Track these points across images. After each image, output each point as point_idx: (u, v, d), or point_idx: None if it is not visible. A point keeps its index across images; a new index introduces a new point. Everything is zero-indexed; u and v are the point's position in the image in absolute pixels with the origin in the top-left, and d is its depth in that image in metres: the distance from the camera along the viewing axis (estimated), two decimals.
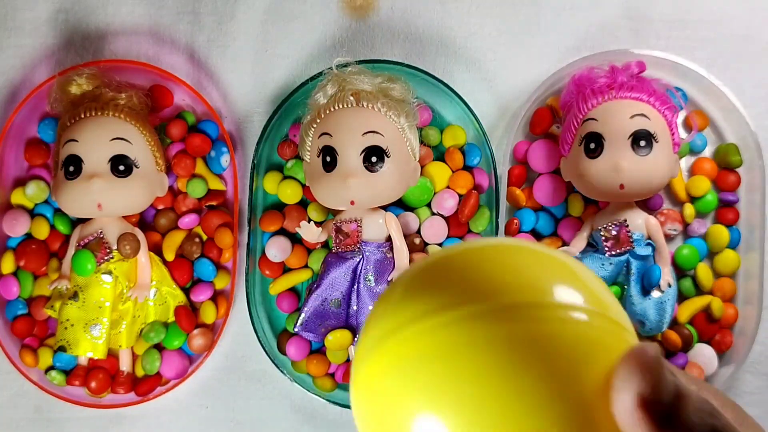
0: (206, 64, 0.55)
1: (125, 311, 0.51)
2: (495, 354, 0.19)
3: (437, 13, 0.55)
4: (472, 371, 0.19)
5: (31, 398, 0.54)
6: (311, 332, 0.51)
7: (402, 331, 0.21)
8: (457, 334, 0.20)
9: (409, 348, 0.20)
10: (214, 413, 0.54)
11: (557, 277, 0.21)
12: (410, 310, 0.21)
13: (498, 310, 0.20)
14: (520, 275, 0.21)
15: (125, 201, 0.49)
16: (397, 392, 0.20)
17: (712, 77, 0.51)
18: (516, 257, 0.22)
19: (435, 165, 0.52)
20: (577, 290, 0.21)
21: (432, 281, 0.22)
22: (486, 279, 0.21)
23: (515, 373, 0.19)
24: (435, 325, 0.20)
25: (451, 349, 0.20)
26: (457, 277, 0.21)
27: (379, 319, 0.22)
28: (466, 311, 0.20)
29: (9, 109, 0.54)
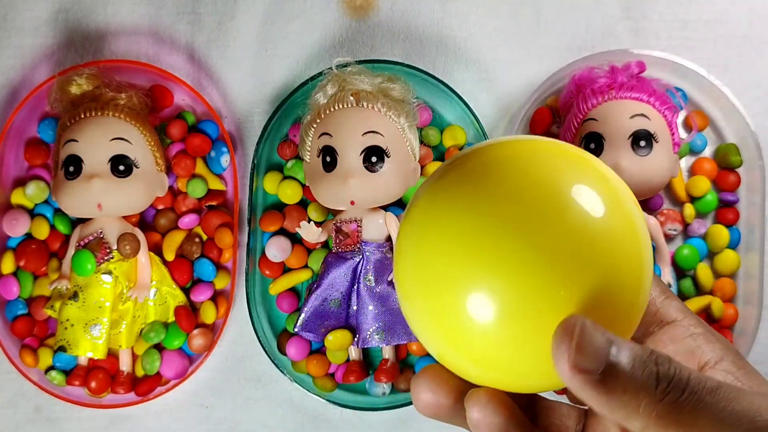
0: (206, 64, 0.55)
1: (125, 311, 0.51)
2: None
3: (437, 13, 0.55)
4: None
5: (31, 398, 0.54)
6: (311, 332, 0.51)
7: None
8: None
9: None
10: (214, 413, 0.54)
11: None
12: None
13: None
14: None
15: (125, 201, 0.49)
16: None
17: (712, 77, 0.51)
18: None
19: (435, 165, 0.52)
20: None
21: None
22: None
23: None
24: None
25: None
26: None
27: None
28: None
29: (9, 109, 0.54)
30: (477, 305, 0.21)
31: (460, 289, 0.21)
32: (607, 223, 0.21)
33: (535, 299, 0.21)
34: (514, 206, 0.21)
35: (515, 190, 0.21)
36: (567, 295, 0.21)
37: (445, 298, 0.21)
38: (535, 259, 0.21)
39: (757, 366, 0.23)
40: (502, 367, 0.22)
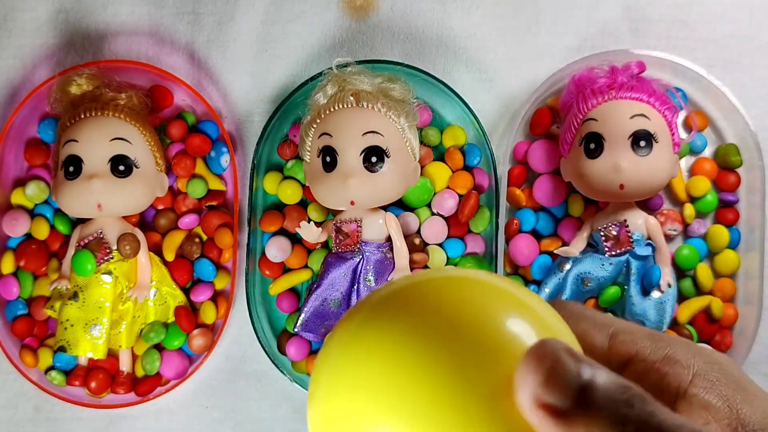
0: (206, 64, 0.55)
1: (125, 311, 0.51)
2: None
3: (437, 13, 0.55)
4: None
5: (31, 398, 0.54)
6: (311, 332, 0.51)
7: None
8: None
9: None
10: (214, 413, 0.54)
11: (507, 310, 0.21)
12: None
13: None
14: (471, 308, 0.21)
15: (125, 201, 0.49)
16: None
17: (712, 77, 0.51)
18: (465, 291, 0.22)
19: (435, 165, 0.52)
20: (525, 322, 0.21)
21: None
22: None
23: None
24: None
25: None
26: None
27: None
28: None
29: (9, 109, 0.54)
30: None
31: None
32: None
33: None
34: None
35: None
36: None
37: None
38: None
39: (757, 366, 0.23)
40: None
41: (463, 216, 0.52)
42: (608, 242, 0.50)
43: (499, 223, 0.51)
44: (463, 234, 0.52)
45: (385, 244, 0.51)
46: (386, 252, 0.51)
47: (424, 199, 0.52)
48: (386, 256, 0.51)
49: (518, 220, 0.52)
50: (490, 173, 0.52)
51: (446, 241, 0.52)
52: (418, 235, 0.52)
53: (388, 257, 0.51)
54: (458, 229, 0.52)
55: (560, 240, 0.52)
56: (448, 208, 0.52)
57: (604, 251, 0.50)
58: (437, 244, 0.52)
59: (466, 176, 0.52)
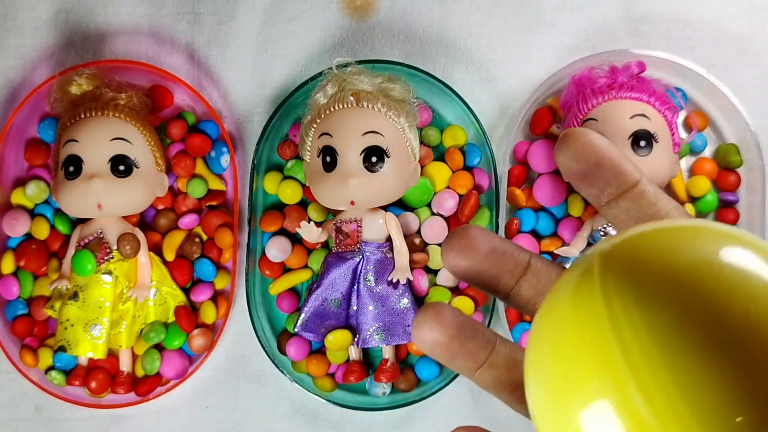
0: (206, 64, 0.55)
1: (125, 311, 0.51)
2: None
3: (437, 13, 0.55)
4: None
5: (31, 398, 0.54)
6: (311, 332, 0.51)
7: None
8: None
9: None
10: (214, 413, 0.54)
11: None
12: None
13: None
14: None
15: (125, 201, 0.49)
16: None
17: (712, 77, 0.51)
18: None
19: (435, 165, 0.52)
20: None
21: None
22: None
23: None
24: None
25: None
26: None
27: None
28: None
29: (9, 109, 0.54)
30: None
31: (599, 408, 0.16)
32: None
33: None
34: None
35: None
36: (746, 423, 0.15)
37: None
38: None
39: None
40: None
41: (463, 216, 0.52)
42: None
43: (499, 223, 0.51)
44: None
45: (385, 244, 0.51)
46: (386, 252, 0.51)
47: (424, 199, 0.52)
48: (386, 256, 0.51)
49: (518, 220, 0.52)
50: (490, 173, 0.52)
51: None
52: (418, 235, 0.52)
53: (388, 257, 0.51)
54: None
55: (560, 240, 0.52)
56: (448, 208, 0.52)
57: None
58: (437, 244, 0.52)
59: (466, 176, 0.52)
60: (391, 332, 0.50)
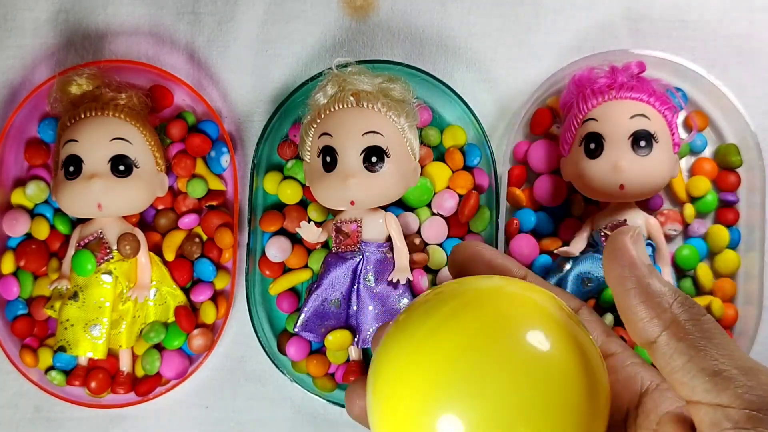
0: (206, 64, 0.55)
1: (125, 311, 0.51)
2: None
3: (437, 13, 0.55)
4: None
5: (31, 398, 0.54)
6: (311, 332, 0.51)
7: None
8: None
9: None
10: (214, 413, 0.54)
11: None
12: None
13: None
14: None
15: (125, 201, 0.49)
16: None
17: (712, 77, 0.51)
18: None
19: (435, 165, 0.52)
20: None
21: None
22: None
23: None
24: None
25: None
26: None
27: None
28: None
29: (9, 109, 0.54)
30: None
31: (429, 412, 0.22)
32: (561, 362, 0.22)
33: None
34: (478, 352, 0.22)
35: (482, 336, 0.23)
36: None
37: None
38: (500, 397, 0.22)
39: None
40: None
41: (463, 216, 0.52)
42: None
43: (499, 223, 0.51)
44: (463, 234, 0.52)
45: (385, 244, 0.51)
46: (386, 252, 0.51)
47: (424, 199, 0.52)
48: (386, 256, 0.51)
49: (518, 220, 0.52)
50: (490, 173, 0.52)
51: (446, 241, 0.52)
52: (418, 235, 0.52)
53: (388, 257, 0.51)
54: (458, 229, 0.52)
55: (560, 240, 0.52)
56: (448, 208, 0.52)
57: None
58: (437, 244, 0.52)
59: (466, 176, 0.52)
60: None
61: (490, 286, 0.24)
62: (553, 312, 0.24)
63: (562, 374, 0.22)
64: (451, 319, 0.23)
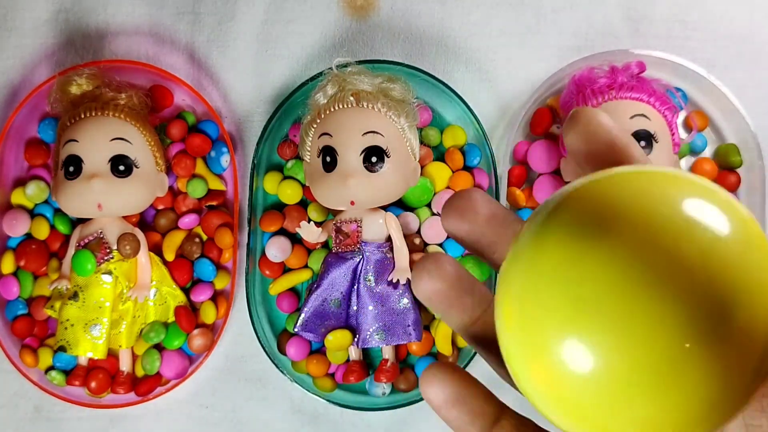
0: (206, 64, 0.55)
1: (125, 311, 0.51)
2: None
3: (437, 13, 0.55)
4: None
5: (31, 398, 0.54)
6: (311, 332, 0.51)
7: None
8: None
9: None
10: (214, 413, 0.54)
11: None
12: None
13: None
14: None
15: (125, 201, 0.49)
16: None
17: (712, 77, 0.51)
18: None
19: (435, 165, 0.52)
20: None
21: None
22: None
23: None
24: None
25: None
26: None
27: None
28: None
29: (9, 109, 0.54)
30: (581, 351, 0.18)
31: (563, 331, 0.18)
32: (743, 256, 0.18)
33: (652, 353, 0.17)
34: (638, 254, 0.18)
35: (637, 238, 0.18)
36: (694, 349, 0.17)
37: (547, 338, 0.18)
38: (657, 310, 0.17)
39: None
40: (605, 427, 0.18)
41: None
42: None
43: None
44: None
45: (385, 244, 0.51)
46: (386, 252, 0.51)
47: (424, 199, 0.52)
48: (386, 256, 0.51)
49: None
50: (490, 173, 0.52)
51: (446, 241, 0.52)
52: (418, 235, 0.52)
53: (388, 257, 0.51)
54: None
55: None
56: None
57: None
58: (437, 244, 0.52)
59: (466, 176, 0.52)
60: (391, 332, 0.50)
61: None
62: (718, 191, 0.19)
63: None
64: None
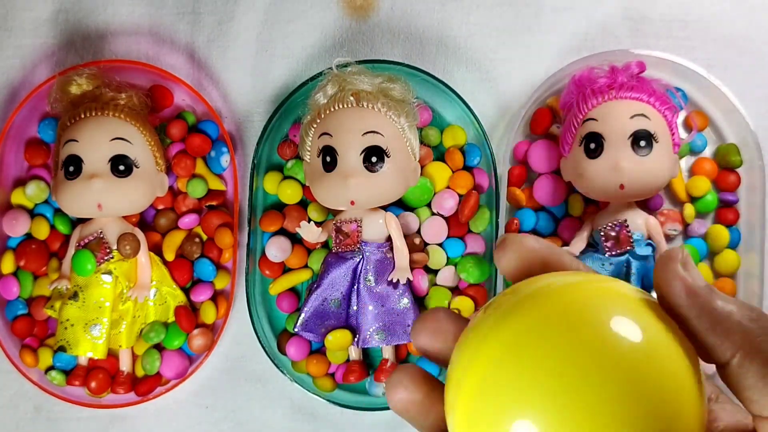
0: (206, 64, 0.55)
1: (125, 311, 0.51)
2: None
3: (437, 13, 0.55)
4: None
5: (31, 398, 0.54)
6: (311, 332, 0.51)
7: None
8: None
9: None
10: (214, 413, 0.54)
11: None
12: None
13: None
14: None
15: (125, 201, 0.49)
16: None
17: (712, 77, 0.51)
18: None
19: (435, 165, 0.52)
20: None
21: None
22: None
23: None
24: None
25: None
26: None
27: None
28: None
29: (9, 109, 0.54)
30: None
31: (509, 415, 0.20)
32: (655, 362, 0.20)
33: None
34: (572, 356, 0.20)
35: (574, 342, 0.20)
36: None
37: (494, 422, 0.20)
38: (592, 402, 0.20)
39: None
40: None
41: (463, 216, 0.52)
42: (608, 242, 0.50)
43: (499, 223, 0.51)
44: (463, 234, 0.52)
45: (385, 244, 0.51)
46: (386, 252, 0.51)
47: (424, 199, 0.52)
48: (386, 256, 0.51)
49: (518, 220, 0.52)
50: (490, 173, 0.52)
51: (446, 241, 0.52)
52: (418, 235, 0.52)
53: (388, 257, 0.51)
54: (458, 229, 0.52)
55: (560, 240, 0.52)
56: (448, 208, 0.52)
57: (604, 251, 0.50)
58: (437, 244, 0.52)
59: (466, 176, 0.52)
60: (391, 332, 0.50)
61: (570, 282, 0.22)
62: (641, 299, 0.22)
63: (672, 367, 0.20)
64: (536, 319, 0.21)
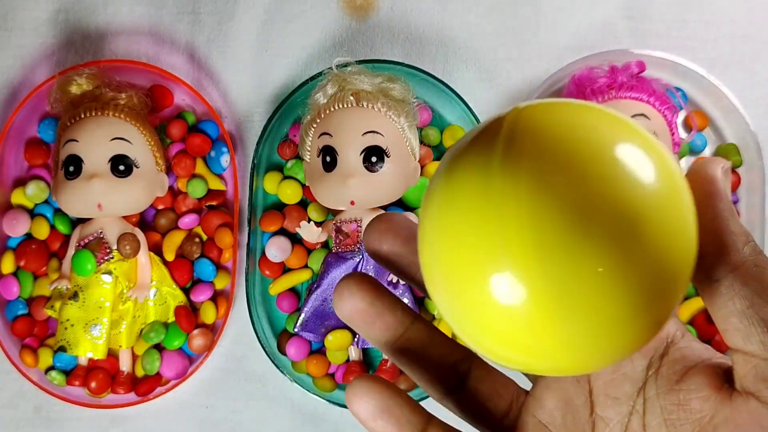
0: (206, 64, 0.55)
1: (125, 311, 0.51)
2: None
3: (437, 13, 0.55)
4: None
5: (31, 398, 0.54)
6: (311, 332, 0.51)
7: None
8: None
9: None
10: (214, 413, 0.54)
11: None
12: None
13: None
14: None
15: (125, 201, 0.49)
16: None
17: (712, 77, 0.51)
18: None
19: (435, 165, 0.52)
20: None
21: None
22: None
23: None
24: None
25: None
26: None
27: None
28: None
29: (9, 109, 0.54)
30: (507, 285, 0.19)
31: (488, 269, 0.19)
32: (656, 195, 0.19)
33: (570, 279, 0.18)
34: (551, 179, 0.19)
35: (554, 162, 0.19)
36: (606, 273, 0.18)
37: (473, 277, 0.19)
38: (572, 239, 0.18)
39: None
40: (533, 351, 0.20)
41: None
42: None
43: None
44: None
45: None
46: None
47: None
48: None
49: None
50: None
51: None
52: None
53: None
54: None
55: None
56: None
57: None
58: None
59: None
60: None
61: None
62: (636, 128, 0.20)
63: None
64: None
